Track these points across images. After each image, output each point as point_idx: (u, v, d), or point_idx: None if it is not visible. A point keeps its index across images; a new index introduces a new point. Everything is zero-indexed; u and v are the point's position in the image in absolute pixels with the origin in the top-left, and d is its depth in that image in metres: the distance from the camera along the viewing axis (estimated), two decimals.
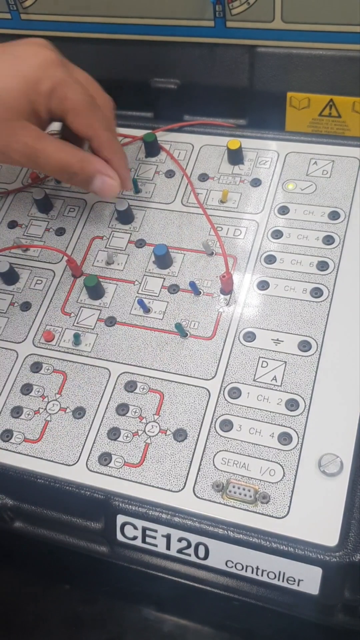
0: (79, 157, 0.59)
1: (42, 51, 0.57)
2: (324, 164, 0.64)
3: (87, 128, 0.59)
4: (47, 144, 0.58)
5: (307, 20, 0.64)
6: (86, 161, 0.59)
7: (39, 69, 0.56)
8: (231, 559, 0.49)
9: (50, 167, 0.59)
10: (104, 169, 0.60)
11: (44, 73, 0.56)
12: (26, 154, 0.57)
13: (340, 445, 0.50)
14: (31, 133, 0.57)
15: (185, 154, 0.68)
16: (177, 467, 0.52)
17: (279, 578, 0.49)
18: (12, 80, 0.55)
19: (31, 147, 0.57)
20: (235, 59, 0.69)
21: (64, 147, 0.59)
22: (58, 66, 0.56)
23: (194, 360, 0.56)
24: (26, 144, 0.57)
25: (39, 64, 0.56)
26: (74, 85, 0.57)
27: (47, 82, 0.56)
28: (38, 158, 0.58)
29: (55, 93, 0.56)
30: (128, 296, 0.60)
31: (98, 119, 0.59)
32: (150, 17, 0.69)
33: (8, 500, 0.57)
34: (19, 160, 0.58)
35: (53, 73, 0.56)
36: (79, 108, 0.57)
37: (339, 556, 0.47)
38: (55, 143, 0.58)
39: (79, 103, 0.57)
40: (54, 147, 0.58)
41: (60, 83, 0.56)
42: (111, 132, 0.61)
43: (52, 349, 0.59)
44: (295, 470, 0.50)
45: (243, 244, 0.61)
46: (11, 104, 0.55)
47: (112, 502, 0.51)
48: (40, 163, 0.58)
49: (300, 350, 0.55)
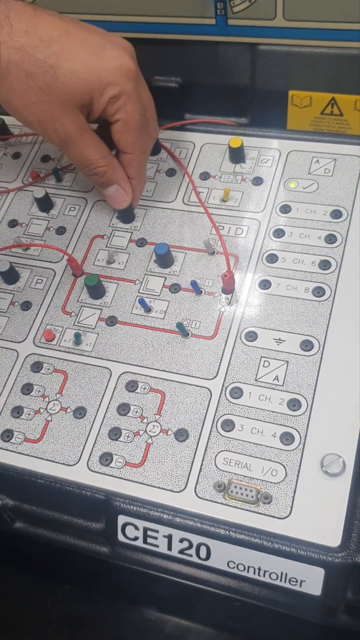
0: (107, 161, 0.60)
1: (125, 58, 0.58)
2: (326, 162, 0.64)
3: (128, 144, 0.60)
4: (84, 137, 0.59)
5: (309, 18, 0.64)
6: (111, 167, 0.61)
7: (114, 74, 0.57)
8: (233, 560, 0.49)
9: (77, 158, 0.60)
10: (123, 180, 0.62)
11: (117, 79, 0.57)
12: (62, 137, 0.58)
13: (342, 445, 0.50)
14: (78, 122, 0.58)
15: (186, 152, 0.68)
16: (178, 467, 0.51)
17: (281, 579, 0.48)
18: (86, 70, 0.56)
19: (70, 134, 0.58)
20: (237, 57, 0.69)
21: (97, 145, 0.60)
22: (132, 79, 0.57)
23: (195, 359, 0.56)
24: (67, 130, 0.58)
25: (116, 69, 0.57)
26: (137, 102, 0.58)
27: (115, 89, 0.57)
28: (70, 145, 0.59)
29: (117, 100, 0.57)
30: (129, 295, 0.60)
31: (142, 141, 0.60)
32: (151, 15, 0.69)
33: (8, 501, 0.56)
34: (53, 138, 0.59)
35: (124, 83, 0.57)
36: (131, 124, 0.59)
37: (341, 557, 0.46)
38: (91, 139, 0.59)
39: (133, 119, 0.59)
40: (88, 142, 0.59)
41: (126, 94, 0.57)
42: (145, 156, 0.62)
43: (53, 348, 0.59)
44: (297, 470, 0.50)
45: (245, 242, 0.61)
46: (73, 90, 0.56)
47: (113, 503, 0.51)
48: (69, 150, 0.60)
49: (303, 349, 0.54)
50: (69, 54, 0.55)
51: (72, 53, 0.56)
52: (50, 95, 0.56)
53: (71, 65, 0.55)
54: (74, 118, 0.57)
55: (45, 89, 0.56)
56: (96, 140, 0.60)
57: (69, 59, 0.55)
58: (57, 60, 0.55)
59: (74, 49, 0.56)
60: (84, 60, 0.56)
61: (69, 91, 0.56)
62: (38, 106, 0.57)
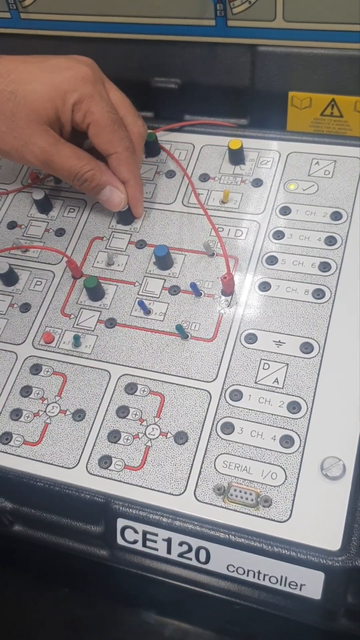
0: (92, 165, 0.61)
1: (80, 67, 0.59)
2: (326, 164, 0.64)
3: (106, 144, 0.60)
4: (61, 150, 0.60)
5: (308, 19, 0.64)
6: (98, 170, 0.61)
7: (70, 82, 0.58)
8: (232, 563, 0.49)
9: (63, 172, 0.61)
10: (114, 181, 0.62)
11: (75, 86, 0.58)
12: (41, 157, 0.60)
13: (342, 448, 0.50)
14: (49, 138, 0.59)
15: (186, 154, 0.68)
16: (178, 470, 0.51)
17: (280, 582, 0.48)
18: (43, 86, 0.58)
19: (47, 151, 0.59)
20: (237, 58, 0.69)
21: (77, 153, 0.61)
22: (89, 82, 0.59)
23: (195, 362, 0.56)
24: (42, 148, 0.59)
25: (71, 77, 0.59)
26: (100, 101, 0.59)
27: (75, 95, 0.58)
28: (51, 162, 0.60)
29: (80, 106, 0.59)
30: (128, 297, 0.60)
31: (119, 137, 0.60)
32: (151, 16, 0.69)
33: (7, 504, 0.56)
34: (34, 162, 0.60)
35: (83, 87, 0.58)
36: (101, 123, 0.59)
37: (341, 560, 0.46)
38: (70, 149, 0.60)
39: (102, 118, 0.59)
40: (67, 153, 0.60)
41: (87, 97, 0.59)
42: (131, 153, 0.62)
43: (52, 350, 0.59)
44: (297, 473, 0.49)
45: (244, 244, 0.61)
46: (37, 107, 0.58)
47: (113, 506, 0.51)
48: (53, 167, 0.60)
49: (302, 352, 0.54)
50: (27, 78, 0.58)
51: (29, 76, 0.59)
52: (17, 120, 0.58)
53: (30, 86, 0.58)
54: (45, 135, 0.59)
55: (11, 115, 0.58)
56: (74, 149, 0.61)
57: (27, 82, 0.58)
58: (16, 86, 0.58)
59: (31, 73, 0.59)
60: (42, 78, 0.59)
61: (33, 110, 0.58)
62: (9, 135, 0.59)
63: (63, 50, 0.73)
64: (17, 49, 0.74)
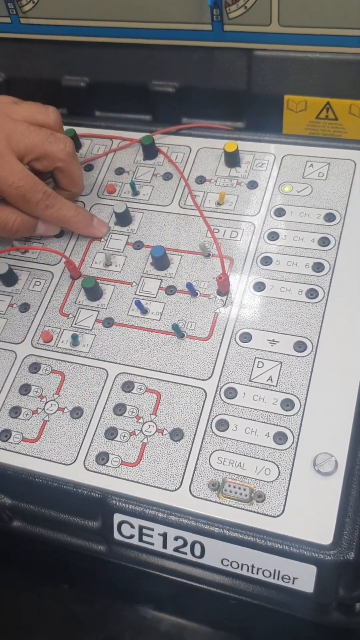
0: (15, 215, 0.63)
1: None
2: (320, 166, 0.65)
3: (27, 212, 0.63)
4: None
5: (303, 24, 0.65)
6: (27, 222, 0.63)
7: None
8: (227, 557, 0.50)
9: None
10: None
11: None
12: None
13: (335, 444, 0.51)
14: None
15: (182, 156, 0.69)
16: (173, 467, 0.52)
17: (274, 576, 0.49)
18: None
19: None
20: (233, 62, 0.70)
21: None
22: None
23: (190, 360, 0.56)
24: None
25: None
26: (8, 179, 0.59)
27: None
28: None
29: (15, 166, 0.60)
30: (126, 297, 0.61)
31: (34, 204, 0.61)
32: (148, 21, 0.70)
33: (6, 500, 0.57)
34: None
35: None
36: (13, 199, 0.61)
37: (333, 554, 0.47)
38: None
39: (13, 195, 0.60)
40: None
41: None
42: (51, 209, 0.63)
43: (51, 349, 0.59)
44: (290, 469, 0.50)
45: (240, 245, 0.62)
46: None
47: (109, 501, 0.52)
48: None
49: (296, 350, 0.55)
50: None
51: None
52: None
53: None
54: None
55: None
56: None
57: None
58: None
59: None
60: None
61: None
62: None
63: (62, 55, 0.74)
64: (16, 53, 0.76)
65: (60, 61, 0.75)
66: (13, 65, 0.77)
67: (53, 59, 0.75)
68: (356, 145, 0.65)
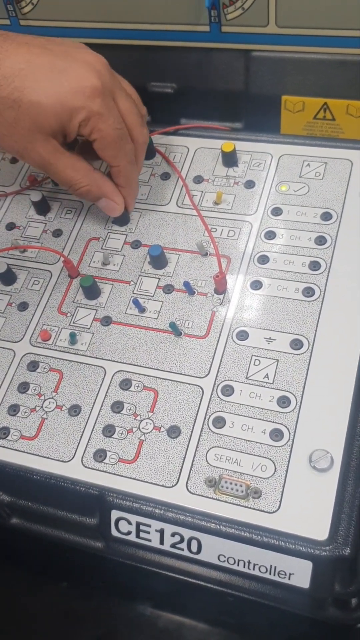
0: (89, 179, 0.62)
1: (90, 76, 0.57)
2: (317, 165, 0.65)
3: (111, 158, 0.61)
4: (60, 159, 0.60)
5: (301, 25, 0.65)
6: (94, 184, 0.62)
7: (78, 97, 0.56)
8: (223, 553, 0.50)
9: (59, 181, 0.62)
10: (110, 193, 0.63)
11: (82, 102, 0.56)
12: (39, 163, 0.60)
13: (330, 441, 0.51)
14: (48, 147, 0.59)
15: (180, 156, 0.69)
16: (170, 463, 0.52)
17: (270, 572, 0.49)
18: (48, 99, 0.56)
19: (45, 159, 0.59)
20: (231, 63, 0.70)
21: (75, 165, 0.61)
22: (98, 96, 0.57)
23: (187, 358, 0.57)
24: (41, 156, 0.59)
25: (79, 91, 0.56)
26: (108, 117, 0.58)
27: (82, 113, 0.57)
28: (49, 170, 0.61)
29: (87, 123, 0.58)
30: (123, 296, 0.61)
31: (124, 152, 0.61)
32: (146, 22, 0.70)
33: (5, 497, 0.58)
34: (33, 164, 0.62)
35: (91, 103, 0.57)
36: (107, 139, 0.59)
37: (329, 550, 0.47)
38: (68, 160, 0.60)
39: (108, 136, 0.59)
40: (65, 164, 0.60)
41: (95, 115, 0.57)
42: (132, 165, 0.62)
43: (49, 348, 0.60)
44: (286, 465, 0.51)
45: (237, 244, 0.62)
46: (39, 120, 0.57)
47: (107, 498, 0.52)
48: (51, 174, 0.62)
49: (292, 348, 0.55)
50: (31, 86, 0.56)
51: (34, 84, 0.56)
52: (17, 128, 0.57)
53: (35, 97, 0.56)
54: (46, 145, 0.58)
55: (13, 122, 0.57)
56: (74, 160, 0.61)
57: (31, 92, 0.56)
58: (20, 94, 0.56)
59: (35, 80, 0.56)
60: (46, 89, 0.56)
61: (36, 122, 0.57)
62: (10, 138, 0.58)
63: None
64: None
65: None
66: None
67: None
68: (352, 144, 0.65)
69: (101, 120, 0.57)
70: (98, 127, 0.58)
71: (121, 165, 0.61)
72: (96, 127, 0.58)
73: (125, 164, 0.61)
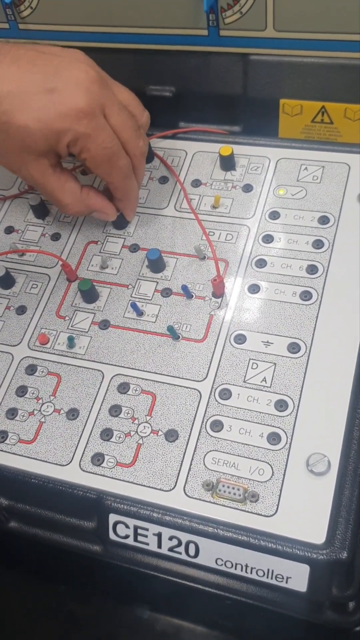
0: (76, 203, 0.62)
1: (77, 96, 0.56)
2: (314, 169, 0.65)
3: (104, 176, 0.61)
4: (49, 180, 0.60)
5: (298, 29, 0.66)
6: (82, 205, 0.63)
7: (64, 120, 0.56)
8: (221, 557, 0.50)
9: (49, 200, 0.65)
10: (100, 207, 0.64)
11: (69, 125, 0.56)
12: (32, 182, 0.62)
13: (328, 444, 0.51)
14: (39, 168, 0.59)
15: (178, 160, 0.69)
16: (168, 467, 0.52)
17: (267, 575, 0.49)
18: (35, 123, 0.56)
19: (36, 179, 0.61)
20: (229, 67, 0.71)
21: (64, 187, 0.61)
22: (84, 117, 0.56)
23: (185, 362, 0.57)
24: (32, 175, 0.60)
25: (66, 113, 0.56)
26: (97, 137, 0.57)
27: (69, 135, 0.56)
28: (40, 189, 0.63)
29: (75, 143, 0.57)
30: (122, 300, 0.61)
31: (117, 169, 0.60)
32: (145, 26, 0.70)
33: (3, 500, 0.58)
34: (28, 182, 0.66)
35: (76, 127, 0.56)
36: (97, 159, 0.59)
37: (326, 554, 0.47)
38: (57, 182, 0.61)
39: (98, 156, 0.58)
40: (54, 186, 0.61)
41: (82, 136, 0.57)
42: (128, 180, 0.62)
43: (47, 351, 0.60)
44: (283, 469, 0.51)
45: (234, 248, 0.62)
46: (28, 143, 0.57)
47: (105, 502, 0.52)
48: (42, 194, 0.65)
49: (290, 352, 0.55)
50: (19, 110, 0.56)
51: (21, 108, 0.56)
52: (8, 149, 0.58)
53: (22, 121, 0.56)
54: (36, 166, 0.59)
55: (3, 144, 0.58)
56: (64, 181, 0.61)
57: (19, 116, 0.56)
58: (8, 118, 0.56)
59: (23, 103, 0.56)
60: (33, 113, 0.56)
61: (24, 145, 0.57)
62: (3, 157, 0.60)
63: None
64: None
65: None
66: None
67: None
68: (350, 148, 0.65)
69: (89, 141, 0.57)
70: (86, 147, 0.57)
71: (116, 181, 0.61)
72: (84, 147, 0.57)
73: (121, 179, 0.61)
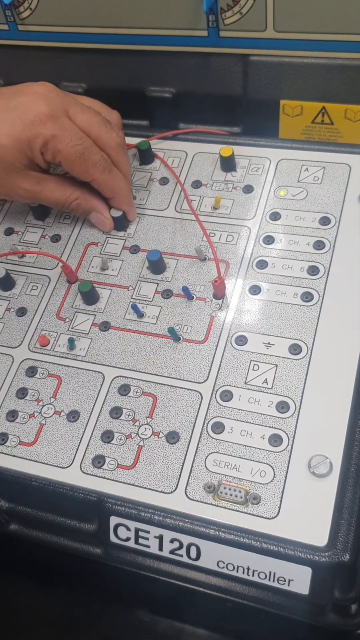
0: (75, 196, 0.64)
1: (37, 104, 0.60)
2: (315, 170, 0.65)
3: (82, 175, 0.63)
4: (45, 185, 0.64)
5: (298, 30, 0.65)
6: (82, 197, 0.64)
7: (31, 128, 0.59)
8: (222, 560, 0.50)
9: (51, 203, 0.65)
10: (98, 207, 0.65)
11: (35, 131, 0.59)
12: (28, 197, 0.64)
13: (329, 446, 0.51)
14: (30, 180, 0.63)
15: (179, 161, 0.69)
16: (169, 469, 0.52)
17: (269, 578, 0.49)
18: (8, 139, 0.60)
19: (31, 191, 0.63)
20: (229, 68, 0.70)
21: (62, 184, 0.64)
22: (48, 120, 0.59)
23: (186, 363, 0.57)
24: (26, 190, 0.63)
25: (30, 122, 0.59)
26: (64, 137, 0.60)
27: (39, 140, 0.60)
28: (39, 198, 0.64)
29: (47, 148, 0.60)
30: (122, 301, 0.61)
31: (92, 164, 0.62)
32: (145, 27, 0.70)
33: (3, 503, 0.57)
34: (25, 201, 0.66)
35: (43, 130, 0.59)
36: (70, 159, 0.61)
37: (328, 556, 0.47)
38: (53, 183, 0.64)
39: (70, 155, 0.60)
40: (51, 187, 0.64)
41: (50, 138, 0.59)
42: (109, 172, 0.63)
43: (47, 353, 0.60)
44: (285, 471, 0.51)
45: (235, 249, 0.62)
46: (8, 160, 0.61)
47: (105, 504, 0.52)
48: (42, 201, 0.65)
49: (291, 353, 0.55)
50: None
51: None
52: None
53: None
54: (26, 179, 0.62)
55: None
56: (60, 180, 0.64)
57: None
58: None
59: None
60: (4, 130, 0.60)
61: (6, 163, 0.61)
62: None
63: (60, 61, 0.75)
64: (14, 60, 0.76)
65: (57, 68, 0.76)
66: (10, 71, 0.78)
67: (50, 66, 0.76)
68: (351, 149, 0.65)
69: (58, 141, 0.60)
70: (57, 149, 0.60)
71: (95, 177, 0.62)
72: (55, 149, 0.60)
73: (99, 175, 0.62)
